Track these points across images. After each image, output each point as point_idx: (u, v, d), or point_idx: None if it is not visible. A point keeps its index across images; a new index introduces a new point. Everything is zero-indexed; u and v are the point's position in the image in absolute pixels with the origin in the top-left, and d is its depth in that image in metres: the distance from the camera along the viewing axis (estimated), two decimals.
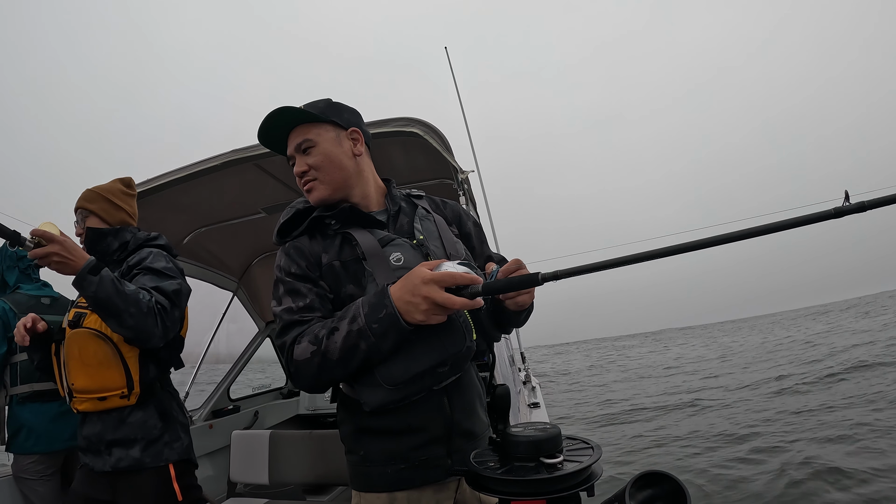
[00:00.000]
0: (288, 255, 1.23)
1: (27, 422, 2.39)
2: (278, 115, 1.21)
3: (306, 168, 1.23)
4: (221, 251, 3.62)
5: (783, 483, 5.18)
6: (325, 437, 2.69)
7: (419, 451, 1.14)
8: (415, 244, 1.20)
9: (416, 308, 0.98)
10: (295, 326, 1.11)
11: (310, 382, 1.09)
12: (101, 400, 1.69)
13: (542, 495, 0.83)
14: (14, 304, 2.51)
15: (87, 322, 1.69)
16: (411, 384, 1.08)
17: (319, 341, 1.04)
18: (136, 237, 1.95)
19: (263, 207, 3.10)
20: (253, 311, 4.22)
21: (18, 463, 2.41)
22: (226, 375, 3.89)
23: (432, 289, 0.96)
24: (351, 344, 1.02)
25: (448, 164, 2.46)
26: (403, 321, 0.99)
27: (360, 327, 1.01)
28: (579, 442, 0.99)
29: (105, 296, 1.54)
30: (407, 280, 1.01)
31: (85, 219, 1.94)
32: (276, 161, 2.51)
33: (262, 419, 4.14)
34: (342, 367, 1.04)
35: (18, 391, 2.43)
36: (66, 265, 1.52)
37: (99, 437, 1.70)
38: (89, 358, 1.68)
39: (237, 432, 2.97)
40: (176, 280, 1.80)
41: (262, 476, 2.76)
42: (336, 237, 1.23)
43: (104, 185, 2.02)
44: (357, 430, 1.18)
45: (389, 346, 1.02)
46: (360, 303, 1.05)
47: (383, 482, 1.14)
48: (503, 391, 1.05)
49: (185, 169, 2.49)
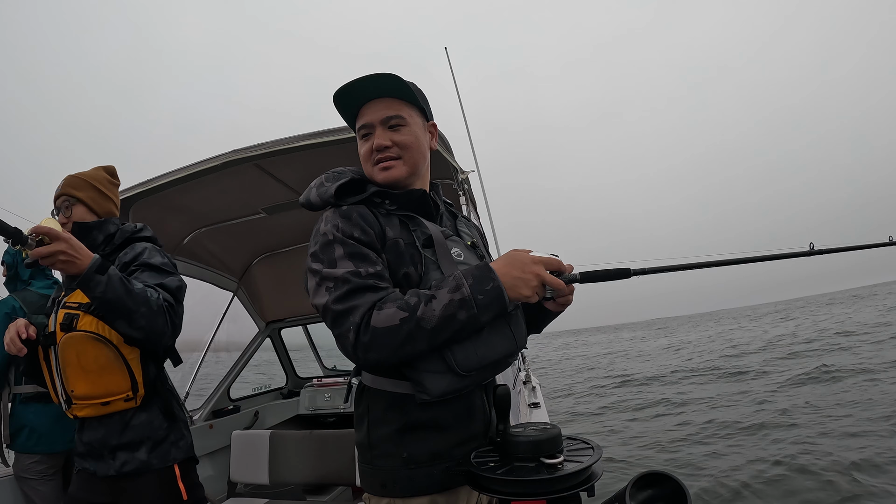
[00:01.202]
0: (349, 219, 1.10)
1: (29, 422, 2.38)
2: (381, 79, 1.15)
3: (390, 144, 1.16)
4: (222, 251, 3.62)
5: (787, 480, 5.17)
6: (326, 437, 2.69)
7: (461, 448, 1.10)
8: (469, 245, 1.22)
9: (526, 284, 1.03)
10: (367, 291, 1.01)
11: (385, 354, 0.99)
12: (105, 405, 1.61)
13: (542, 495, 0.83)
14: (24, 302, 2.51)
15: (82, 324, 1.59)
16: (481, 372, 1.07)
17: (412, 308, 0.98)
18: (122, 230, 1.82)
19: (263, 208, 3.10)
20: (253, 311, 4.22)
21: (20, 462, 2.41)
22: (226, 375, 3.89)
23: (541, 268, 1.04)
24: (450, 313, 0.98)
25: (448, 163, 2.46)
26: (506, 296, 1.01)
27: (465, 297, 0.98)
28: (580, 442, 0.99)
29: (114, 296, 1.46)
30: (512, 259, 1.05)
31: (70, 207, 1.79)
32: (276, 161, 2.51)
33: (262, 419, 4.14)
34: (432, 337, 0.98)
35: (22, 390, 2.43)
36: (72, 264, 1.42)
37: (102, 442, 1.63)
38: (89, 363, 1.58)
39: (237, 432, 2.97)
40: (176, 276, 1.73)
41: (263, 476, 2.76)
42: (392, 217, 1.17)
43: (88, 172, 1.87)
44: (401, 429, 1.09)
45: (488, 319, 1.02)
46: (459, 274, 1.02)
47: (429, 484, 1.07)
48: (504, 391, 1.05)
49: (185, 169, 2.48)
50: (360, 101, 1.19)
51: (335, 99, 1.18)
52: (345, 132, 2.21)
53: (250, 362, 4.19)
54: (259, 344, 4.27)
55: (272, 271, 3.99)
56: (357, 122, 1.21)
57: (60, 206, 1.79)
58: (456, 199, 2.55)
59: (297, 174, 2.73)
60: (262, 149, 2.35)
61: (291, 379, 4.80)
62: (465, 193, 2.58)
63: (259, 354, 4.32)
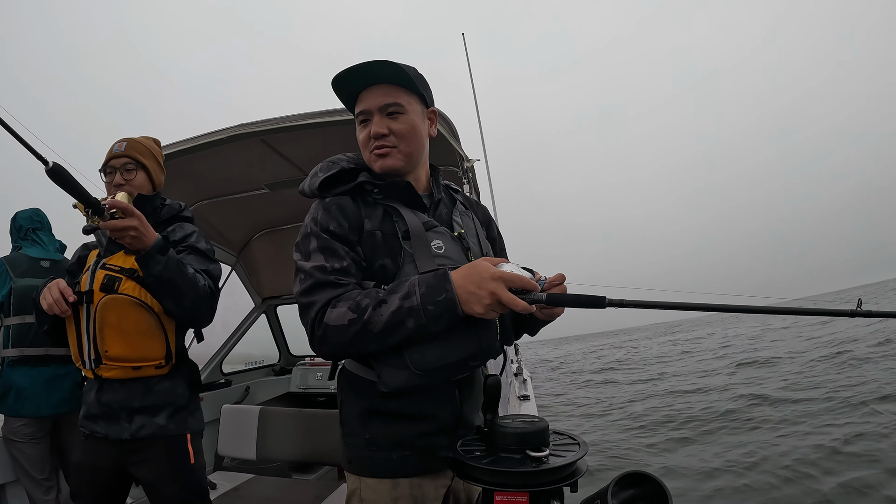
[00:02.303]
0: (328, 211, 1.13)
1: (16, 384, 2.39)
2: (379, 66, 1.14)
3: (387, 132, 1.16)
4: (222, 224, 3.62)
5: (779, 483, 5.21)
6: (315, 416, 2.70)
7: (425, 439, 1.13)
8: (455, 236, 1.20)
9: (479, 301, 0.98)
10: (327, 287, 1.06)
11: (336, 349, 1.05)
12: (136, 369, 1.62)
13: (525, 488, 0.84)
14: (11, 264, 2.52)
15: (125, 288, 1.60)
16: (439, 372, 1.08)
17: (362, 310, 1.00)
18: (168, 207, 1.84)
19: (267, 183, 3.09)
20: (250, 286, 4.23)
21: (8, 425, 2.43)
22: (219, 349, 3.91)
23: (499, 286, 0.98)
24: (398, 320, 0.99)
25: (454, 150, 2.45)
26: (460, 309, 0.99)
27: (414, 305, 0.99)
28: (566, 437, 0.99)
29: (170, 276, 1.52)
30: (472, 271, 1.01)
31: (133, 172, 1.75)
32: (281, 137, 2.50)
33: (252, 395, 4.16)
34: (379, 341, 1.01)
35: (8, 354, 2.44)
36: (139, 240, 1.48)
37: (122, 404, 1.62)
38: (130, 326, 1.60)
39: (227, 406, 2.99)
40: (218, 264, 1.78)
41: (250, 451, 2.78)
42: (377, 207, 1.18)
43: (145, 139, 1.84)
44: (365, 412, 1.15)
45: (438, 330, 1.01)
46: (415, 281, 1.02)
47: (387, 468, 1.12)
48: (494, 381, 1.06)
49: (190, 140, 2.47)
50: (359, 86, 1.19)
51: (334, 84, 1.18)
52: (350, 114, 2.21)
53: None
54: (254, 319, 4.28)
55: (271, 248, 3.98)
56: (356, 108, 1.21)
57: (121, 167, 1.74)
58: (460, 186, 2.55)
59: (301, 151, 2.72)
60: (269, 125, 2.34)
61: (284, 356, 4.82)
62: (469, 182, 2.57)
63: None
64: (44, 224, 2.73)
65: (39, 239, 2.67)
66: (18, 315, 2.45)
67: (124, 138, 1.78)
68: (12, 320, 2.46)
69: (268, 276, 4.22)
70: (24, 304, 2.44)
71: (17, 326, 2.44)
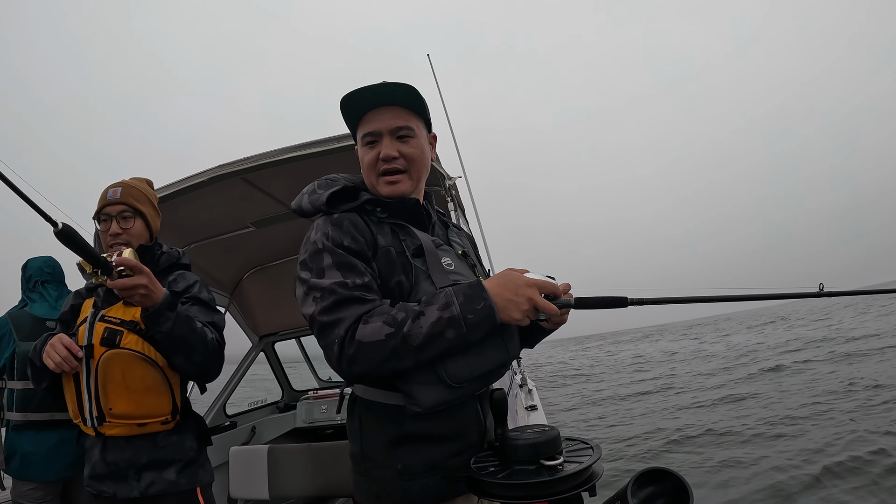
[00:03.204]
0: (339, 227, 1.08)
1: (22, 449, 2.34)
2: (394, 88, 1.13)
3: (397, 155, 1.14)
4: (212, 267, 3.59)
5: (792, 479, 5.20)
6: (325, 449, 2.67)
7: (457, 459, 1.09)
8: (460, 254, 1.21)
9: (518, 307, 0.99)
10: (354, 303, 1.00)
11: (369, 368, 0.98)
12: (141, 426, 1.57)
13: (543, 497, 0.83)
14: (15, 326, 2.43)
15: (127, 342, 1.54)
16: (473, 384, 1.06)
17: (399, 324, 0.96)
18: (167, 255, 1.79)
19: (252, 221, 3.08)
20: (246, 326, 4.19)
21: (17, 488, 2.38)
22: (221, 392, 3.86)
23: (535, 292, 1.00)
24: (438, 331, 0.96)
25: (435, 170, 2.46)
26: (498, 317, 0.99)
27: (454, 315, 0.97)
28: (579, 442, 0.99)
29: (180, 333, 1.48)
30: (506, 279, 1.02)
31: (131, 220, 1.70)
32: (262, 175, 2.50)
33: (259, 434, 4.10)
34: (417, 354, 0.97)
35: (13, 417, 2.39)
36: (148, 298, 1.43)
37: (129, 462, 1.57)
38: (136, 383, 1.54)
39: (235, 448, 2.94)
40: (221, 314, 1.74)
41: (263, 491, 2.73)
42: (384, 225, 1.15)
43: (139, 183, 1.78)
44: (394, 441, 1.08)
45: (477, 338, 1.00)
46: (451, 291, 1.01)
47: (424, 495, 1.07)
48: (500, 395, 1.05)
49: (171, 186, 2.47)
50: (366, 106, 1.16)
51: (343, 104, 1.15)
52: (332, 143, 2.21)
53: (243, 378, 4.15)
54: (253, 358, 4.23)
55: (263, 285, 3.96)
56: (361, 129, 1.18)
57: (117, 215, 1.69)
58: (444, 205, 2.56)
59: (284, 186, 2.72)
60: (249, 162, 2.34)
61: (287, 392, 4.77)
62: (452, 199, 2.58)
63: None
64: (55, 276, 2.60)
65: (48, 293, 2.55)
66: (22, 380, 2.39)
67: (118, 183, 1.73)
68: (16, 385, 2.40)
69: (262, 314, 4.19)
70: (27, 367, 2.39)
71: (22, 392, 2.39)
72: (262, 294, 4.02)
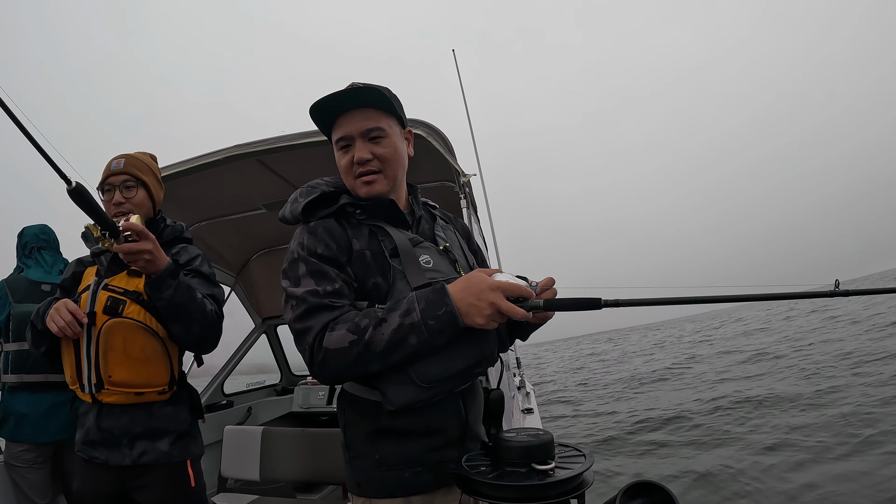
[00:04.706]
0: (314, 235, 1.12)
1: (16, 410, 2.37)
2: (361, 91, 1.14)
3: (370, 157, 1.16)
4: (220, 245, 3.62)
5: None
6: (319, 436, 2.68)
7: (435, 454, 1.12)
8: (441, 250, 1.21)
9: (480, 312, 0.99)
10: (323, 311, 1.04)
11: (337, 372, 1.04)
12: (138, 395, 1.59)
13: (532, 501, 0.83)
14: (11, 289, 2.49)
15: (129, 312, 1.57)
16: (445, 383, 1.07)
17: (362, 331, 0.99)
18: (171, 228, 1.81)
19: (264, 203, 3.10)
20: (250, 307, 4.23)
21: (10, 450, 2.41)
22: (220, 370, 3.89)
23: (498, 296, 0.98)
24: (400, 337, 0.98)
25: (450, 166, 2.46)
26: (461, 322, 0.99)
27: (415, 322, 0.98)
28: (571, 449, 0.99)
29: (180, 301, 1.50)
30: (470, 283, 1.01)
31: (134, 189, 1.72)
32: (277, 157, 2.51)
33: (255, 415, 4.13)
34: (382, 359, 1.00)
35: (7, 380, 2.42)
36: (152, 264, 1.44)
37: (124, 429, 1.59)
38: (136, 352, 1.57)
39: (230, 427, 2.96)
40: (221, 288, 1.76)
41: (254, 472, 2.75)
42: (362, 227, 1.18)
43: (142, 155, 1.80)
44: (373, 433, 1.13)
45: (441, 344, 1.01)
46: (413, 297, 1.02)
47: (400, 486, 1.10)
48: (497, 395, 1.05)
49: (186, 162, 2.49)
50: (336, 112, 1.18)
51: (312, 113, 1.18)
52: None
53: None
54: (255, 340, 4.26)
55: (270, 268, 3.99)
56: (334, 134, 1.21)
57: (120, 185, 1.70)
58: (457, 202, 2.55)
59: (298, 171, 2.74)
60: (265, 144, 2.35)
61: (286, 376, 4.80)
62: (466, 197, 2.58)
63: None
64: (50, 242, 2.67)
65: (43, 259, 2.62)
66: (17, 341, 2.43)
67: (122, 154, 1.75)
68: (11, 346, 2.44)
69: (267, 297, 4.22)
70: (22, 329, 2.41)
71: (17, 353, 2.42)
72: (269, 277, 4.05)
